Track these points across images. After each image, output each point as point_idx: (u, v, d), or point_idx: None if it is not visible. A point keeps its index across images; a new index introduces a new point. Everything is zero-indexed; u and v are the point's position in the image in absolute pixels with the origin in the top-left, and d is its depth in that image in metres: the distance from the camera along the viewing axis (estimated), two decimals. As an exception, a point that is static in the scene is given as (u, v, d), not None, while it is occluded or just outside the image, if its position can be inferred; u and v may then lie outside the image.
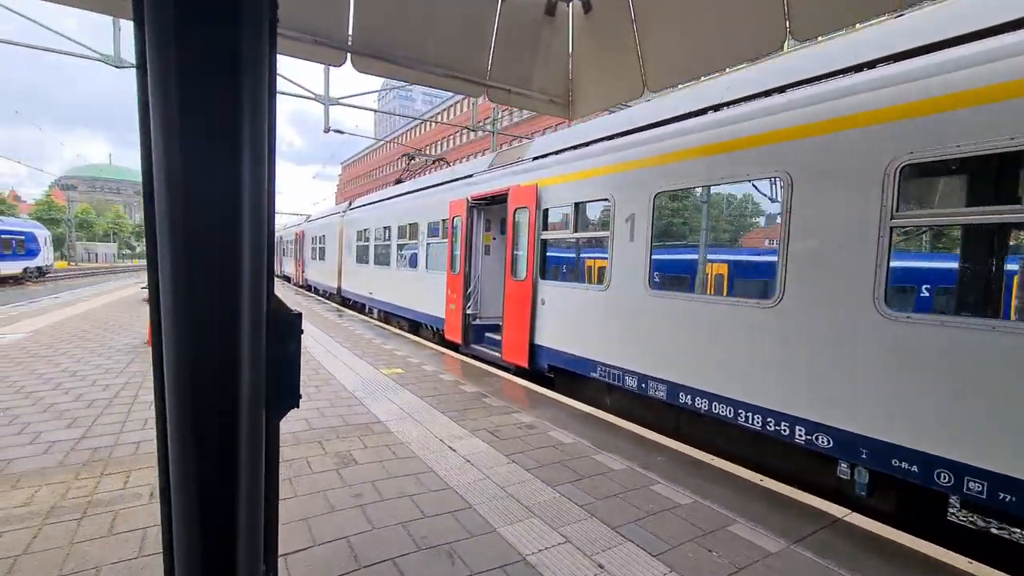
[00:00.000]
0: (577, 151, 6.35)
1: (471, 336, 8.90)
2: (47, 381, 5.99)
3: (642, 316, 5.30)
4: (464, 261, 8.81)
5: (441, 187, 10.02)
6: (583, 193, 6.18)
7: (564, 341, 6.48)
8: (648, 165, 5.26)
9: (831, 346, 3.73)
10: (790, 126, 4.03)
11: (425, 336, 11.18)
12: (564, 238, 6.54)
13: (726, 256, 4.84)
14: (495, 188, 8.12)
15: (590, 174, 6.06)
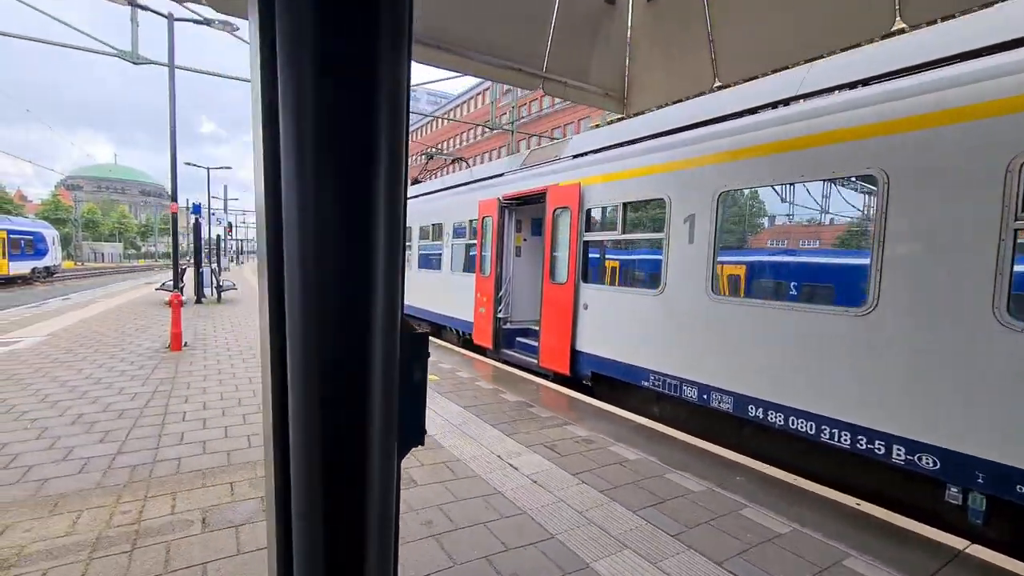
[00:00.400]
0: (626, 148, 6.04)
1: (502, 340, 8.60)
2: (71, 389, 5.71)
3: (704, 322, 4.99)
4: (495, 263, 8.51)
5: (469, 187, 9.73)
6: (633, 192, 5.88)
7: (609, 347, 6.17)
8: (712, 163, 4.94)
9: (938, 358, 3.41)
10: (887, 119, 3.71)
11: (448, 339, 10.89)
12: (610, 240, 6.24)
13: (803, 259, 4.52)
14: (529, 187, 7.82)
15: (642, 172, 5.75)
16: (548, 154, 7.87)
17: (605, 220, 6.39)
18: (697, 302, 5.05)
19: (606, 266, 6.37)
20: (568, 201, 6.81)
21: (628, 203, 5.99)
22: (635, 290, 5.87)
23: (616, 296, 6.11)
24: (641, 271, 5.92)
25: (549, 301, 7.12)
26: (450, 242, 10.28)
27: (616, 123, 6.62)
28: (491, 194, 8.79)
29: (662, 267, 5.47)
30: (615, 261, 6.22)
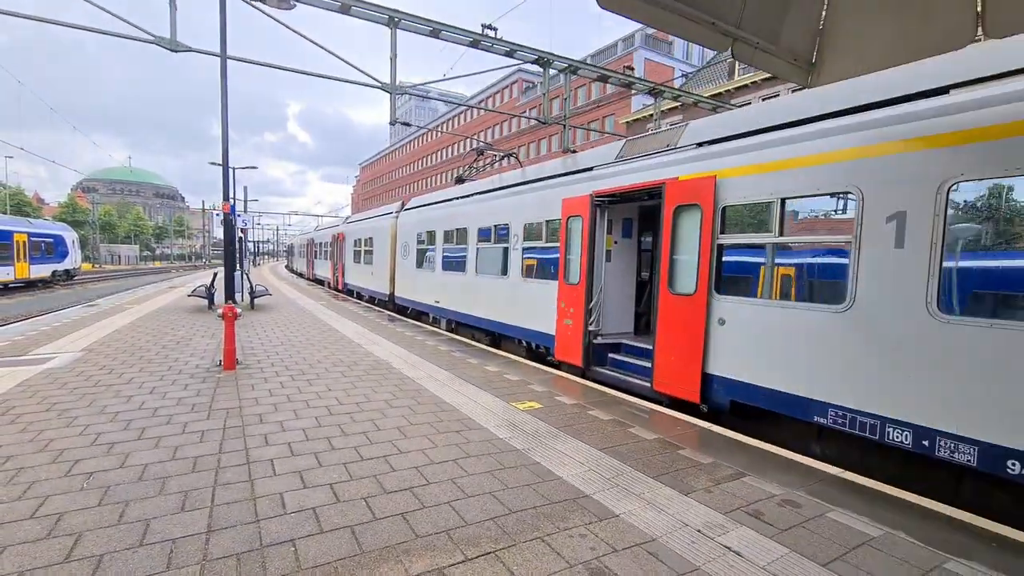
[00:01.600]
0: (786, 132, 4.99)
1: (592, 358, 7.57)
2: (126, 426, 4.76)
3: (924, 348, 3.92)
4: (585, 269, 7.48)
5: (545, 183, 8.71)
6: (800, 185, 4.82)
7: (761, 373, 5.12)
8: (938, 145, 3.88)
9: None
10: None
11: (509, 349, 9.89)
12: (761, 244, 5.19)
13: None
14: (634, 182, 6.78)
15: (814, 161, 4.69)
16: (655, 143, 6.83)
17: (752, 220, 5.33)
18: (911, 321, 3.99)
19: (753, 275, 5.31)
20: (696, 197, 5.76)
21: (790, 198, 4.93)
22: (802, 305, 4.81)
23: (770, 312, 5.05)
24: (811, 282, 4.86)
25: (668, 315, 6.08)
26: (519, 245, 9.27)
27: (766, 103, 5.56)
28: (578, 191, 7.76)
29: (848, 277, 4.41)
30: (767, 269, 5.17)
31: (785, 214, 4.98)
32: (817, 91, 4.95)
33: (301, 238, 41.75)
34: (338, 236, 23.96)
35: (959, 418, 3.73)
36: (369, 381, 6.76)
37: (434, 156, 76.53)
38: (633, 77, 15.28)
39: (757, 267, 5.29)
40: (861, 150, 4.35)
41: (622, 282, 8.03)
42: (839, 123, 4.56)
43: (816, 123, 4.76)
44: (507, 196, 9.81)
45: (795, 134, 4.90)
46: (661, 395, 6.27)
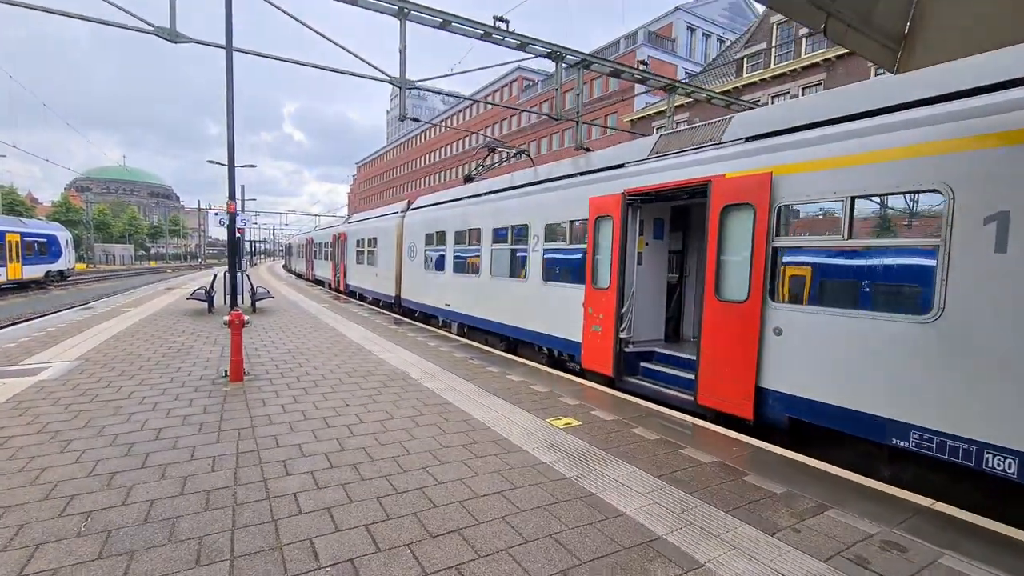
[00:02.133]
0: (857, 123, 4.54)
1: (624, 367, 7.11)
2: (126, 450, 4.26)
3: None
4: (616, 273, 7.02)
5: (570, 181, 8.24)
6: (873, 183, 4.37)
7: (825, 388, 4.67)
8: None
9: None
10: None
11: (526, 356, 9.43)
12: (823, 246, 4.73)
13: None
14: (672, 180, 6.32)
15: (892, 156, 4.24)
16: (696, 138, 6.37)
17: (815, 221, 4.88)
18: (1021, 335, 3.54)
19: (816, 282, 4.86)
20: (748, 196, 5.31)
21: (861, 197, 4.47)
22: (876, 315, 4.35)
23: (836, 321, 4.60)
24: (886, 289, 4.40)
25: (716, 323, 5.62)
26: (539, 247, 8.79)
27: (831, 92, 5.10)
28: (608, 189, 7.29)
29: (935, 284, 3.97)
30: (832, 275, 4.71)
31: (855, 214, 4.53)
32: (899, 78, 4.50)
33: (300, 238, 41.12)
34: (339, 236, 23.42)
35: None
36: (388, 394, 6.27)
37: (433, 155, 75.95)
38: (647, 73, 14.83)
39: (820, 273, 4.83)
40: (952, 143, 3.90)
41: (653, 286, 7.58)
42: (925, 113, 4.10)
43: (895, 113, 4.30)
44: (526, 195, 9.33)
45: (869, 126, 4.45)
46: (705, 409, 5.82)
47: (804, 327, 4.85)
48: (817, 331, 4.75)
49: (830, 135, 4.72)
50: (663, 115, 30.91)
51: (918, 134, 4.10)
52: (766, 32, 25.21)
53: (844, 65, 21.51)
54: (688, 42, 42.17)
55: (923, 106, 4.13)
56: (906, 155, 4.15)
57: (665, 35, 41.09)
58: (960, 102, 3.93)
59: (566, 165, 8.60)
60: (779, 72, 23.84)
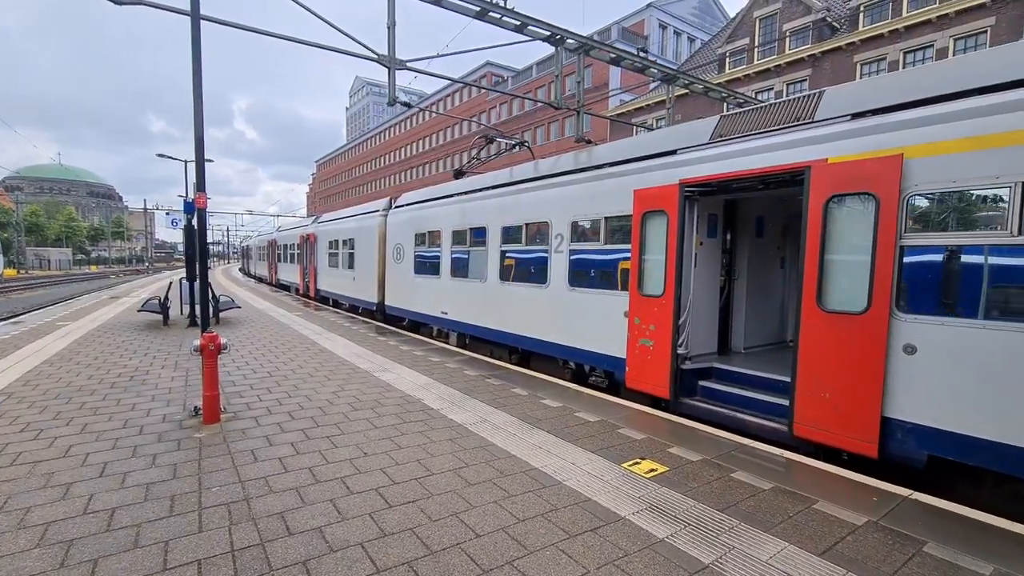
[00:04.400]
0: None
1: (681, 387, 6.09)
2: (60, 557, 2.87)
3: None
4: (673, 278, 5.98)
5: (605, 171, 7.14)
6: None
7: (982, 421, 3.75)
8: None
9: None
10: None
11: (542, 370, 8.33)
12: (979, 243, 3.81)
13: None
14: (745, 168, 5.33)
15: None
16: (773, 118, 5.39)
17: (966, 213, 3.95)
18: None
19: (966, 288, 3.93)
20: (868, 183, 4.35)
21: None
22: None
23: (998, 338, 3.68)
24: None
25: (819, 339, 4.64)
26: (564, 247, 7.68)
27: (982, 52, 4.17)
28: (658, 179, 6.25)
29: None
30: (991, 280, 3.79)
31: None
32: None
33: (260, 239, 38.45)
34: (308, 237, 21.62)
35: None
36: (412, 435, 5.01)
37: (402, 151, 73.62)
38: (648, 61, 13.96)
39: (972, 277, 3.91)
40: None
41: (707, 292, 6.59)
42: None
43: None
44: (545, 188, 8.19)
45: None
46: (802, 442, 4.84)
47: (949, 344, 3.92)
48: (968, 349, 3.82)
49: (989, 106, 3.79)
50: (643, 111, 30.39)
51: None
52: (749, 28, 24.94)
53: (830, 61, 21.38)
54: (660, 40, 41.99)
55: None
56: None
57: (637, 31, 40.76)
58: None
59: (601, 152, 7.51)
60: (762, 68, 23.60)
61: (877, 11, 20.11)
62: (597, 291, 7.14)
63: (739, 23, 25.55)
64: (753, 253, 7.25)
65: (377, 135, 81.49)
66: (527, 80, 49.45)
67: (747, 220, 7.19)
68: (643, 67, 14.17)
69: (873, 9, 20.18)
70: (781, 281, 7.85)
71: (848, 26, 21.39)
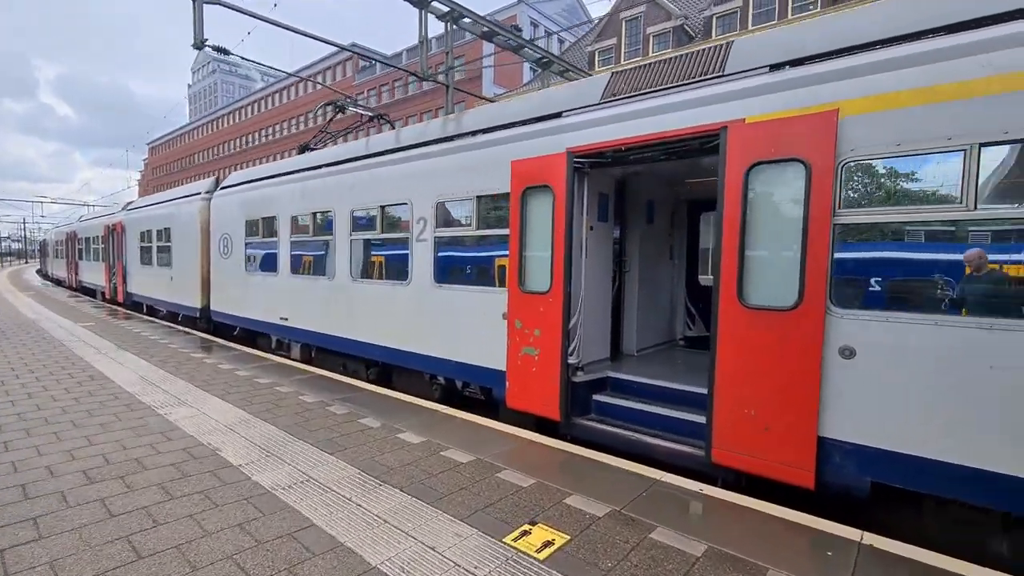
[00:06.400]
0: (997, 29, 2.94)
1: (574, 404, 4.94)
2: None
3: None
4: (562, 269, 4.80)
5: (477, 139, 5.74)
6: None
7: (939, 439, 3.06)
8: None
9: None
10: None
11: (403, 386, 6.81)
12: (931, 220, 3.10)
13: None
14: (647, 132, 4.30)
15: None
16: (674, 72, 4.43)
17: (913, 182, 3.21)
18: None
19: (913, 276, 3.21)
20: (794, 147, 3.49)
21: (1000, 143, 2.89)
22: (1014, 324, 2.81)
23: (957, 335, 2.99)
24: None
25: (741, 340, 3.73)
26: (428, 234, 6.16)
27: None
28: (540, 147, 5.02)
29: None
30: (944, 267, 3.10)
31: (985, 169, 2.94)
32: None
33: (59, 232, 30.85)
34: (115, 227, 17.27)
35: None
36: (173, 526, 3.13)
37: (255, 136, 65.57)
38: (523, 40, 12.97)
39: (921, 261, 3.20)
40: None
41: (599, 287, 5.53)
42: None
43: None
44: (406, 162, 6.57)
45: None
46: (722, 470, 3.92)
47: (895, 345, 3.18)
48: (918, 351, 3.10)
49: (936, 51, 3.07)
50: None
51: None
52: (616, 28, 25.55)
53: (687, 66, 22.58)
54: (531, 37, 42.23)
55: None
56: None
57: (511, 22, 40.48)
58: None
59: (472, 118, 6.08)
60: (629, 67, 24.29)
61: (727, 22, 21.68)
62: (469, 288, 5.74)
63: (607, 23, 26.12)
64: (644, 242, 6.41)
65: (226, 116, 71.92)
66: (370, 76, 47.02)
67: (637, 204, 6.32)
68: (518, 46, 13.14)
69: (724, 20, 21.73)
70: (670, 273, 7.17)
71: (702, 35, 22.83)
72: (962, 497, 3.01)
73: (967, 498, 2.99)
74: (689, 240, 7.30)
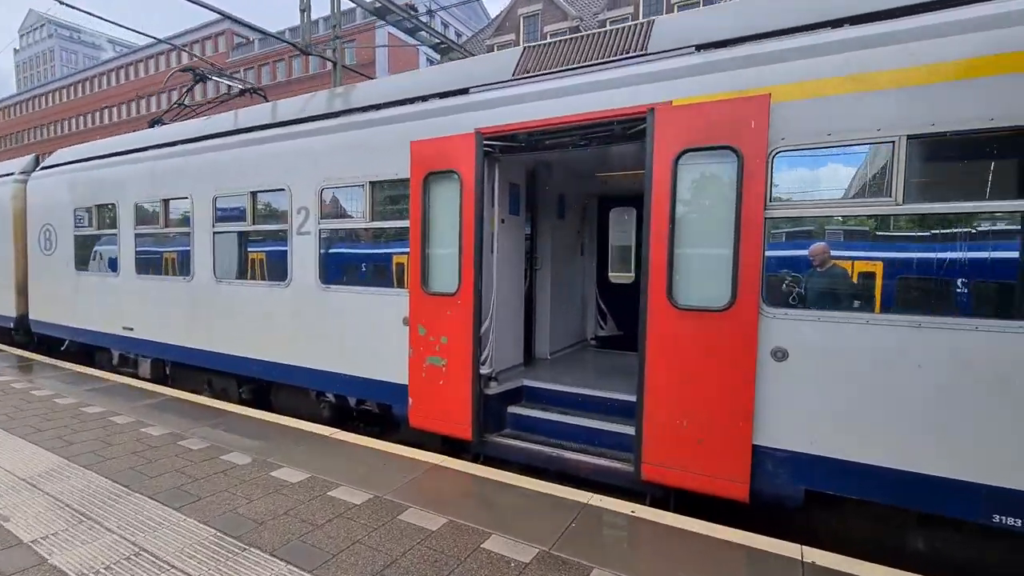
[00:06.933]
0: (943, 13, 2.83)
1: (489, 419, 4.38)
2: None
3: None
4: (472, 267, 4.20)
5: (370, 116, 4.91)
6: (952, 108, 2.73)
7: (874, 443, 2.95)
8: None
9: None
10: None
11: (286, 407, 5.85)
12: (863, 215, 2.95)
13: None
14: (571, 112, 3.85)
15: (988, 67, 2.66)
16: (593, 50, 4.02)
17: (843, 174, 3.06)
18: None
19: (846, 274, 3.08)
20: (726, 134, 3.22)
21: (925, 136, 2.81)
22: (974, 323, 2.75)
23: (891, 335, 2.89)
24: (993, 286, 2.83)
25: (672, 343, 3.41)
26: (311, 225, 5.23)
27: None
28: (446, 127, 4.37)
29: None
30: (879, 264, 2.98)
31: (915, 164, 2.85)
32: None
33: None
34: None
35: None
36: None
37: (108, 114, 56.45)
38: (420, 22, 12.17)
39: (851, 259, 3.07)
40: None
41: (512, 286, 5.02)
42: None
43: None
44: (283, 140, 5.54)
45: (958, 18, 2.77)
46: (652, 487, 3.60)
47: (829, 345, 3.02)
48: (853, 350, 2.97)
49: (880, 36, 2.93)
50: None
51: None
52: (514, 24, 25.40)
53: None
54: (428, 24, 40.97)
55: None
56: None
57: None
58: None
59: (365, 91, 5.21)
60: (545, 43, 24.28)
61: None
62: (363, 290, 4.92)
63: (505, 17, 25.91)
64: (556, 238, 6.02)
65: (67, 88, 61.22)
66: (280, 45, 42.86)
67: (548, 197, 5.91)
68: (414, 28, 12.35)
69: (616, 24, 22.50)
70: (582, 271, 6.88)
71: (597, 38, 23.50)
72: (918, 507, 2.87)
73: (926, 508, 2.86)
74: (599, 236, 7.07)
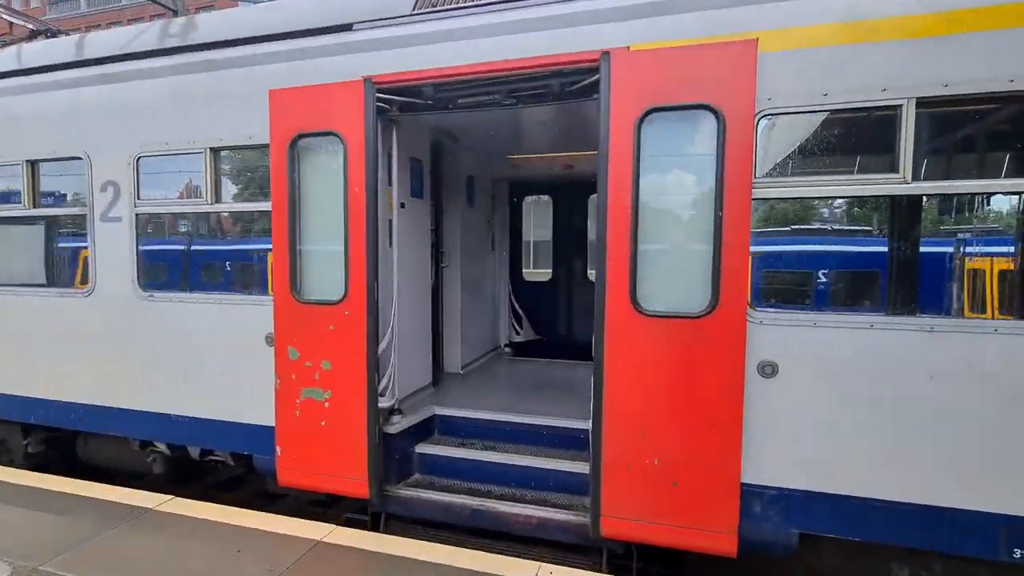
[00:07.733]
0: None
1: (394, 466, 3.29)
2: None
3: None
4: (366, 265, 3.07)
5: (217, 54, 3.49)
6: (962, 68, 2.26)
7: (872, 474, 2.44)
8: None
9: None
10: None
11: (96, 460, 4.25)
12: (870, 195, 2.38)
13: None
14: (497, 59, 2.90)
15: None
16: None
17: (840, 143, 2.49)
18: None
19: (854, 267, 2.52)
20: (703, 91, 2.50)
21: (935, 100, 2.31)
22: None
23: (895, 340, 2.38)
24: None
25: (634, 357, 2.63)
26: (123, 208, 3.68)
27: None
28: (321, 72, 3.17)
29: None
30: (896, 254, 2.45)
31: (920, 132, 2.35)
32: None
33: None
34: None
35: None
36: None
37: None
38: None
39: (868, 254, 2.52)
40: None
41: (416, 289, 3.94)
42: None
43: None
44: (78, 87, 3.86)
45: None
46: (612, 543, 2.80)
47: (824, 355, 2.45)
48: (850, 359, 2.42)
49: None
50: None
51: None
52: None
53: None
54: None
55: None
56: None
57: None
58: None
59: (208, 25, 3.72)
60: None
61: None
62: (204, 297, 3.53)
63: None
64: (465, 228, 5.04)
65: None
66: (113, 5, 36.60)
67: (456, 179, 4.90)
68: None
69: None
70: (494, 267, 5.95)
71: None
72: (937, 548, 2.38)
73: (947, 550, 2.37)
74: (512, 226, 6.21)
